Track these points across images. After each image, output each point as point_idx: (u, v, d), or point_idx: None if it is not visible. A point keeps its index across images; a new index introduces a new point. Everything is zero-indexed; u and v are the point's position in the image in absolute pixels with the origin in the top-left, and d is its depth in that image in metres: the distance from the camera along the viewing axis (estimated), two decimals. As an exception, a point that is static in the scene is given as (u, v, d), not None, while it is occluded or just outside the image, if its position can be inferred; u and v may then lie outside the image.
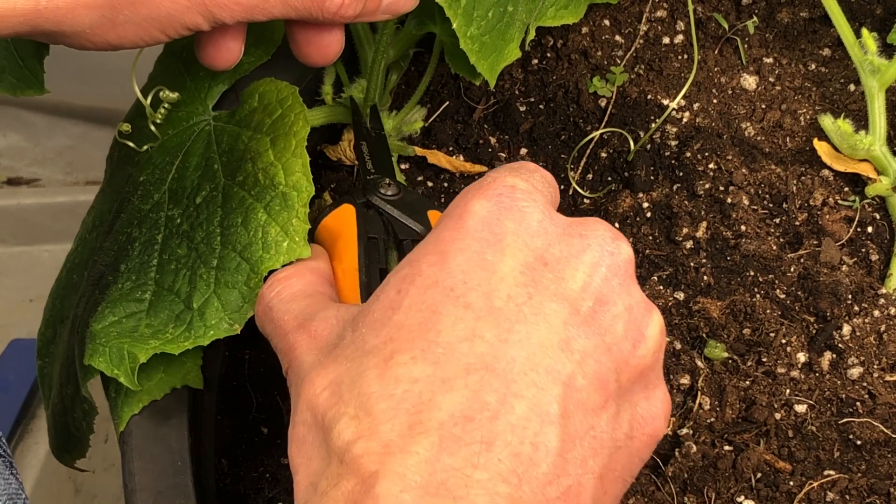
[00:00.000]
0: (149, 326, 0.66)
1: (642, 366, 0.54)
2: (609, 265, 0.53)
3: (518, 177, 0.55)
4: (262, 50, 0.75)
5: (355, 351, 0.52)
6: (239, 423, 0.79)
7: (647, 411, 0.54)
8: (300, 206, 0.66)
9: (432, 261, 0.52)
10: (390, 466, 0.48)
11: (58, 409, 0.73)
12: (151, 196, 0.71)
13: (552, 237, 0.53)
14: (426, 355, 0.50)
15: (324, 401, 0.51)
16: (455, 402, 0.49)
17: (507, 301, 0.51)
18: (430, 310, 0.51)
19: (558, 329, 0.51)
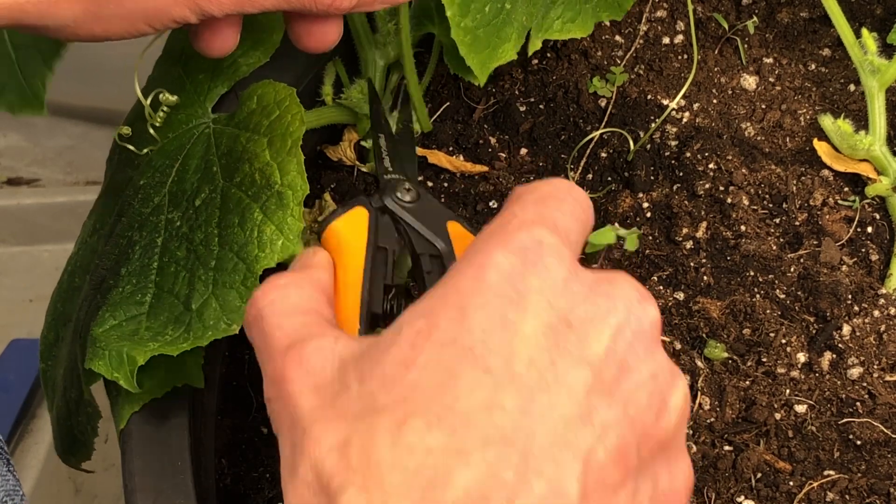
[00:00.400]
0: (149, 329, 0.66)
1: (665, 437, 0.51)
2: (635, 330, 0.51)
3: (544, 226, 0.52)
4: (260, 52, 0.75)
5: (364, 409, 0.48)
6: (239, 423, 0.79)
7: (668, 486, 0.52)
8: (295, 204, 0.66)
9: (451, 315, 0.49)
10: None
11: (62, 413, 0.73)
12: (152, 199, 0.71)
13: (577, 297, 0.50)
14: (442, 423, 0.47)
15: (331, 465, 0.48)
16: (471, 478, 0.46)
17: (528, 366, 0.48)
18: (448, 372, 0.48)
19: (580, 399, 0.48)
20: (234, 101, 0.73)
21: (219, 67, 0.74)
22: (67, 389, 0.71)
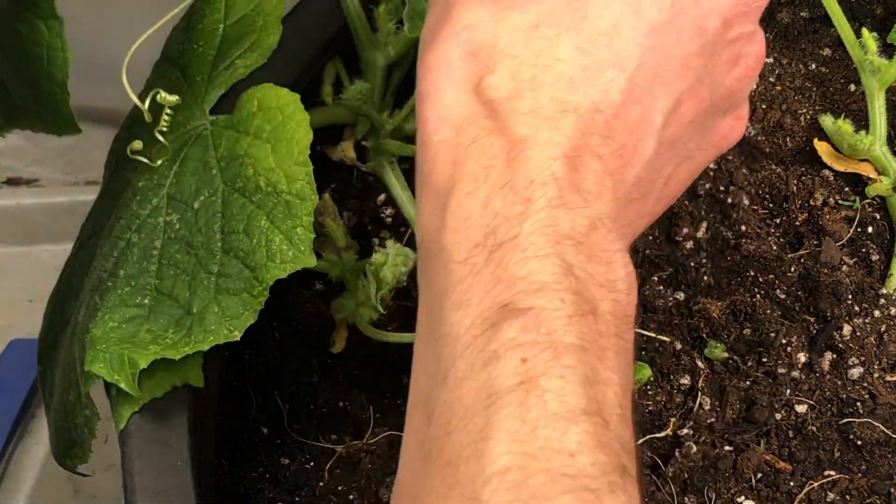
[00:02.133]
0: (149, 332, 0.66)
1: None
2: None
3: None
4: (258, 53, 0.74)
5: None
6: (239, 423, 0.79)
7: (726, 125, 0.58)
8: (304, 214, 0.66)
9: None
10: (541, 134, 0.49)
11: (59, 415, 0.73)
12: (150, 201, 0.71)
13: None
14: (570, 36, 0.51)
15: (480, 40, 0.52)
16: (592, 97, 0.51)
17: (652, 4, 0.52)
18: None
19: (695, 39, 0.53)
20: (232, 103, 0.73)
21: (216, 69, 0.74)
22: (65, 392, 0.71)
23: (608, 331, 0.48)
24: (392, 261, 0.72)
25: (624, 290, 0.49)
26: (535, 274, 0.47)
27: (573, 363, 0.45)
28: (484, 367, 0.46)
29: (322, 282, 0.83)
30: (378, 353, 0.82)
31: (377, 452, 0.78)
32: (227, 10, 0.75)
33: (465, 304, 0.47)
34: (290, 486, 0.77)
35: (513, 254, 0.47)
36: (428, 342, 0.50)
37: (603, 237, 0.49)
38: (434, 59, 0.53)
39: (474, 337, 0.47)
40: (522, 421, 0.44)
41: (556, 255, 0.47)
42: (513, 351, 0.45)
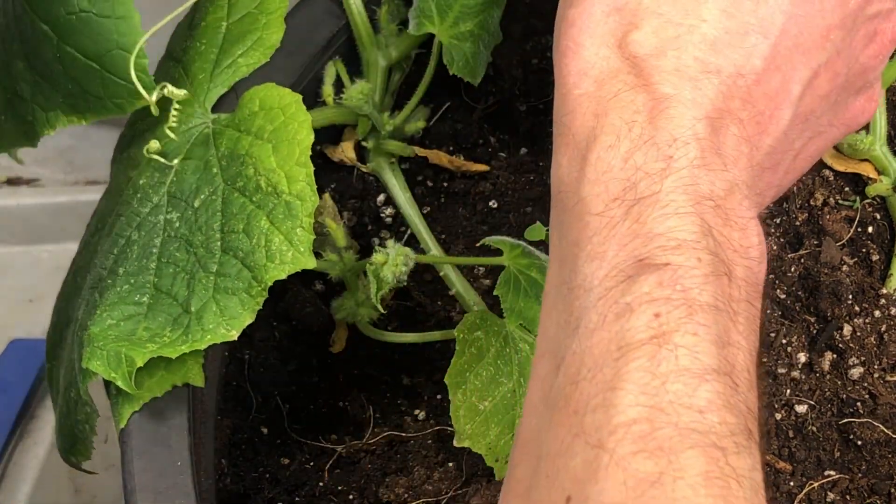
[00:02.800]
0: (146, 330, 0.66)
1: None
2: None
3: None
4: (260, 52, 0.74)
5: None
6: (239, 423, 0.79)
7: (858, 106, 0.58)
8: (305, 215, 0.66)
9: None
10: (685, 93, 0.50)
11: (63, 412, 0.73)
12: (150, 199, 0.71)
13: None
14: None
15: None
16: (735, 61, 0.51)
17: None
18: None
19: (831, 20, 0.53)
20: (234, 102, 0.73)
21: (219, 67, 0.74)
22: (67, 389, 0.71)
23: (740, 296, 0.48)
24: (392, 261, 0.72)
25: (756, 257, 0.49)
26: (674, 231, 0.47)
27: (707, 322, 0.45)
28: (616, 319, 0.46)
29: (322, 282, 0.83)
30: (378, 353, 0.82)
31: (377, 452, 0.78)
32: (230, 8, 0.75)
33: (600, 256, 0.47)
34: (290, 486, 0.77)
35: (652, 209, 0.47)
36: (559, 292, 0.49)
37: (739, 203, 0.49)
38: (577, 13, 0.53)
39: (608, 289, 0.47)
40: (652, 374, 0.44)
41: (696, 213, 0.47)
42: (647, 305, 0.46)
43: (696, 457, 0.43)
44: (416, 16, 0.77)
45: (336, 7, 0.81)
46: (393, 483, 0.74)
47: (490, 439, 0.70)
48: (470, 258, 0.81)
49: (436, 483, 0.74)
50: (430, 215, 0.84)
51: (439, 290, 0.82)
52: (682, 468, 0.42)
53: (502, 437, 0.70)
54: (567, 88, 0.52)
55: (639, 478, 0.42)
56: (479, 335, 0.72)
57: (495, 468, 0.71)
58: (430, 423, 0.78)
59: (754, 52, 0.51)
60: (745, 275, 0.48)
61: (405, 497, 0.74)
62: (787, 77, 0.52)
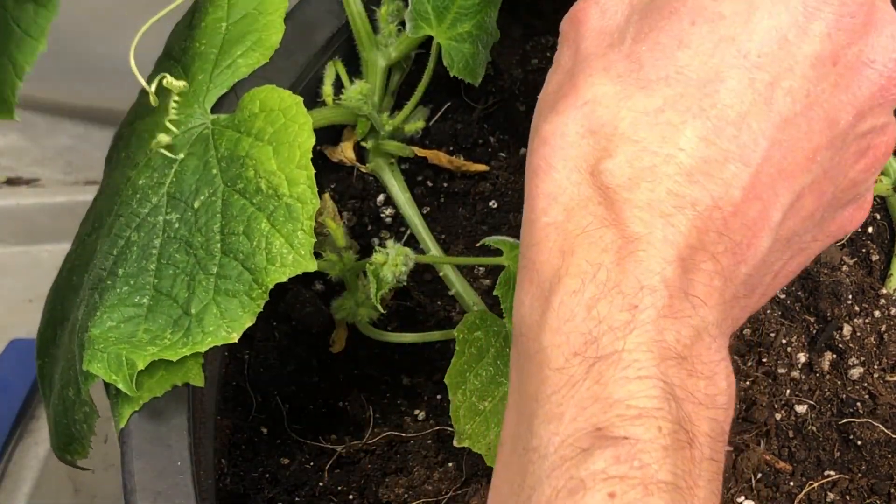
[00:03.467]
0: (147, 332, 0.66)
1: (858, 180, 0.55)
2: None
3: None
4: (259, 52, 0.74)
5: (628, 71, 0.50)
6: (239, 423, 0.79)
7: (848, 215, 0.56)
8: (306, 218, 0.66)
9: (737, 9, 0.50)
10: (656, 232, 0.48)
11: (58, 410, 0.73)
12: (149, 199, 0.71)
13: (855, 33, 0.51)
14: (696, 125, 0.49)
15: (601, 118, 0.50)
16: (712, 192, 0.48)
17: (786, 94, 0.50)
18: (716, 71, 0.49)
19: (831, 136, 0.51)
20: (233, 102, 0.73)
21: (218, 68, 0.74)
22: (64, 388, 0.71)
23: (703, 456, 0.46)
24: (392, 261, 0.72)
25: (724, 405, 0.47)
26: (635, 397, 0.45)
27: (663, 503, 0.44)
28: (570, 496, 0.44)
29: (322, 282, 0.83)
30: (378, 353, 0.82)
31: (377, 452, 0.78)
32: (229, 9, 0.75)
33: (557, 419, 0.46)
34: (290, 486, 0.77)
35: (614, 370, 0.46)
36: (514, 449, 0.48)
37: (706, 347, 0.47)
38: (550, 131, 0.51)
39: (563, 459, 0.45)
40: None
41: (659, 375, 0.46)
42: (602, 483, 0.44)
43: None
44: (413, 18, 0.77)
45: (336, 7, 0.81)
46: (393, 483, 0.74)
47: (490, 439, 0.70)
48: (470, 258, 0.81)
49: (436, 483, 0.74)
50: (429, 215, 0.84)
51: (439, 290, 0.82)
52: None
53: (502, 437, 0.71)
54: (535, 214, 0.50)
55: None
56: (478, 335, 0.72)
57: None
58: (430, 423, 0.78)
59: (733, 182, 0.49)
60: (709, 428, 0.47)
61: (405, 497, 0.74)
62: (767, 204, 0.50)
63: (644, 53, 0.50)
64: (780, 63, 0.50)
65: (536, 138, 0.52)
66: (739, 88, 0.49)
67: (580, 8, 0.54)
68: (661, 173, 0.48)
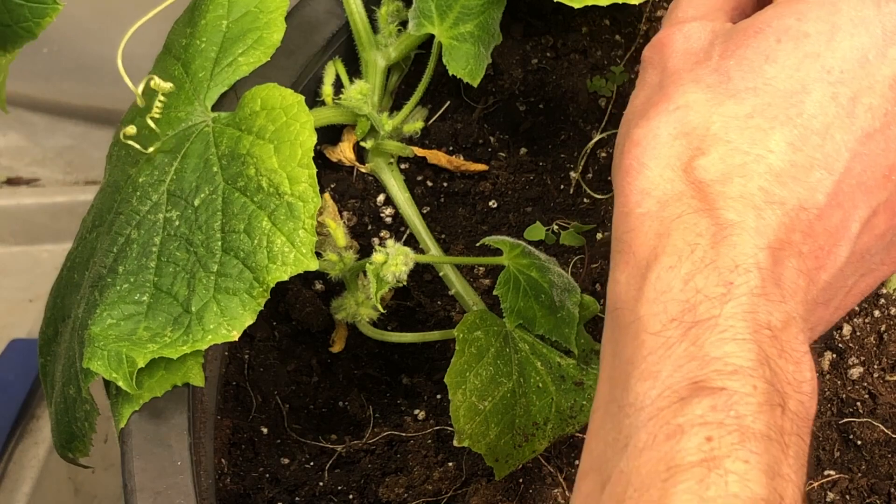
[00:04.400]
0: (147, 329, 0.66)
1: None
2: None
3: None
4: (260, 51, 0.74)
5: (717, 82, 0.53)
6: (239, 423, 0.79)
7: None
8: (307, 217, 0.66)
9: (821, 29, 0.53)
10: (749, 221, 0.50)
11: (60, 408, 0.73)
12: (150, 197, 0.71)
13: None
14: (784, 131, 0.52)
15: (694, 122, 0.52)
16: (799, 194, 0.51)
17: (867, 111, 0.52)
18: (801, 84, 0.52)
19: None
20: (234, 101, 0.73)
21: (219, 66, 0.74)
22: (66, 385, 0.71)
23: (792, 429, 0.47)
24: (392, 260, 0.72)
25: (808, 392, 0.49)
26: (731, 356, 0.47)
27: (759, 451, 0.45)
28: (667, 440, 0.46)
29: (322, 281, 0.83)
30: (378, 353, 0.82)
31: (377, 452, 0.78)
32: (230, 7, 0.75)
33: (653, 376, 0.47)
34: (290, 486, 0.76)
35: (710, 333, 0.47)
36: (608, 409, 0.49)
37: (794, 336, 0.49)
38: (642, 134, 0.53)
39: (660, 409, 0.47)
40: (700, 498, 0.44)
41: (754, 341, 0.47)
42: (699, 428, 0.45)
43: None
44: (416, 16, 0.77)
45: (336, 7, 0.81)
46: (393, 483, 0.74)
47: (490, 439, 0.70)
48: (470, 258, 0.81)
49: (436, 483, 0.74)
50: (429, 215, 0.84)
51: (439, 290, 0.82)
52: None
53: (502, 436, 0.70)
54: (629, 207, 0.52)
55: None
56: (478, 335, 0.72)
57: (495, 468, 0.71)
58: (430, 423, 0.78)
59: (818, 188, 0.51)
60: (797, 409, 0.48)
61: (405, 497, 0.74)
62: (847, 214, 0.52)
63: (732, 67, 0.53)
64: (861, 81, 0.52)
65: (628, 141, 0.54)
66: (824, 101, 0.52)
67: (664, 34, 0.57)
68: (753, 171, 0.51)
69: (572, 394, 0.73)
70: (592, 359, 0.75)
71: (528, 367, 0.73)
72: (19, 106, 1.34)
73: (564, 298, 0.73)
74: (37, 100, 1.30)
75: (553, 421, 0.72)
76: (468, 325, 0.72)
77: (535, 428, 0.72)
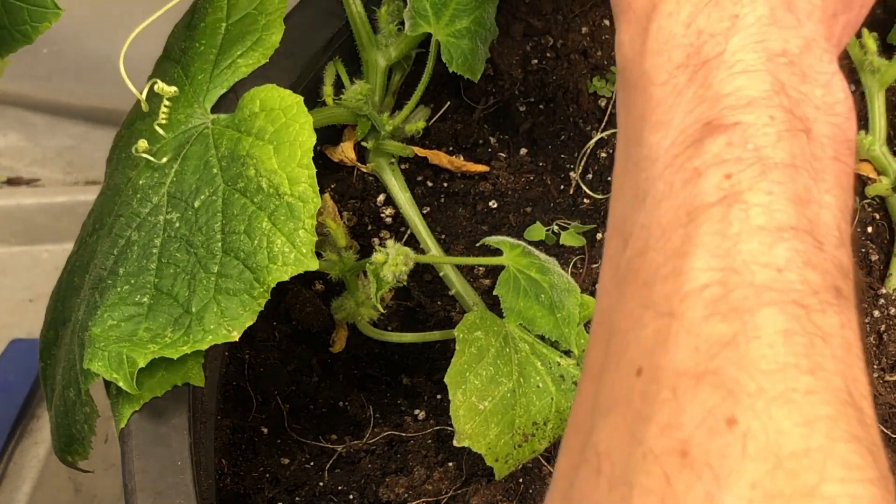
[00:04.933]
0: (147, 330, 0.66)
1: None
2: None
3: None
4: (259, 52, 0.74)
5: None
6: (239, 423, 0.79)
7: None
8: (307, 217, 0.66)
9: None
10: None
11: (60, 411, 0.73)
12: (150, 199, 0.71)
13: None
14: None
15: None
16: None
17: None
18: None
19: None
20: (233, 102, 0.73)
21: (218, 68, 0.74)
22: (66, 388, 0.71)
23: (824, 153, 0.45)
24: (392, 260, 0.72)
25: (843, 113, 0.46)
26: (743, 89, 0.44)
27: (783, 179, 0.43)
28: (684, 186, 0.43)
29: (322, 281, 0.83)
30: (378, 353, 0.82)
31: (377, 452, 0.78)
32: (229, 9, 0.75)
33: (665, 125, 0.45)
34: (290, 486, 0.77)
35: (718, 71, 0.45)
36: (625, 169, 0.47)
37: (818, 58, 0.46)
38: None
39: (674, 156, 0.44)
40: (724, 236, 0.41)
41: (767, 71, 0.45)
42: (716, 167, 0.43)
43: (774, 315, 0.40)
44: (412, 16, 0.77)
45: (336, 7, 0.81)
46: (393, 483, 0.75)
47: (490, 439, 0.70)
48: (470, 258, 0.81)
49: (436, 483, 0.74)
50: (430, 215, 0.84)
51: (439, 290, 0.82)
52: (758, 327, 0.39)
53: (502, 436, 0.71)
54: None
55: (711, 341, 0.39)
56: (478, 335, 0.72)
57: (495, 468, 0.71)
58: (430, 423, 0.78)
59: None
60: (830, 132, 0.45)
61: (405, 497, 0.74)
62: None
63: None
64: None
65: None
66: None
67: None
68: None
69: (572, 394, 0.73)
70: (592, 359, 0.75)
71: (528, 367, 0.73)
72: (19, 106, 1.34)
73: (564, 298, 0.73)
74: (37, 100, 1.30)
75: (553, 421, 0.72)
76: (468, 325, 0.72)
77: (535, 428, 0.72)
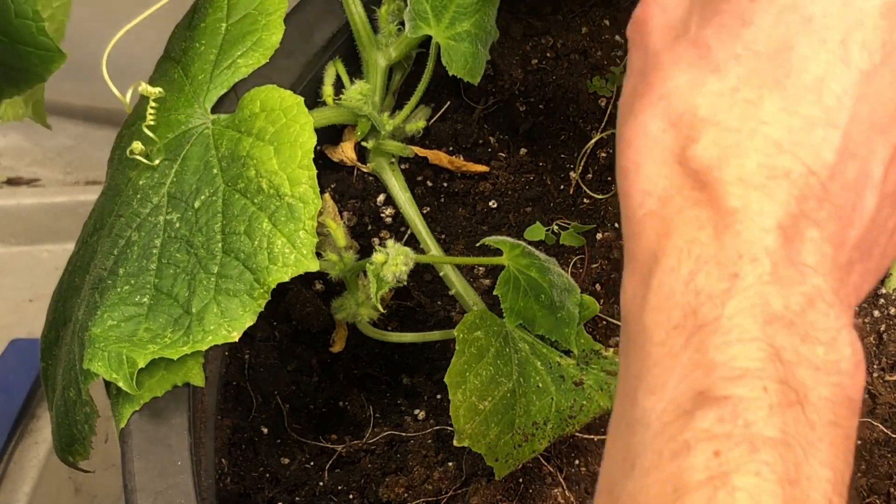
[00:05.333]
0: (147, 330, 0.66)
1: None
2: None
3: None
4: (259, 53, 0.74)
5: (697, 59, 0.50)
6: (239, 423, 0.79)
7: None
8: (308, 218, 0.66)
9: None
10: (752, 204, 0.47)
11: (61, 411, 0.73)
12: (150, 200, 0.71)
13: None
14: (773, 97, 0.48)
15: (679, 109, 0.49)
16: (803, 159, 0.47)
17: (861, 48, 0.48)
18: (783, 41, 0.49)
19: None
20: (233, 102, 0.73)
21: (218, 68, 0.74)
22: (66, 388, 0.71)
23: (821, 420, 0.45)
24: (392, 260, 0.72)
25: (848, 371, 0.46)
26: (737, 360, 0.44)
27: (771, 459, 0.43)
28: (673, 459, 0.44)
29: (322, 281, 0.83)
30: (378, 353, 0.82)
31: (377, 452, 0.78)
32: (229, 9, 0.75)
33: (658, 389, 0.45)
34: (290, 486, 0.77)
35: (713, 337, 0.45)
36: (619, 427, 0.48)
37: (823, 314, 0.46)
38: (633, 132, 0.51)
39: (665, 424, 0.45)
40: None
41: (763, 338, 0.45)
42: (705, 443, 0.43)
43: None
44: (412, 18, 0.77)
45: (336, 7, 0.81)
46: (393, 483, 0.75)
47: (490, 439, 0.70)
48: (470, 258, 0.81)
49: (436, 483, 0.74)
50: (430, 215, 0.84)
51: (439, 290, 0.82)
52: None
53: (502, 436, 0.71)
54: (632, 210, 0.50)
55: None
56: (478, 335, 0.72)
57: (495, 468, 0.71)
58: (430, 422, 0.78)
59: (824, 146, 0.48)
60: (830, 393, 0.45)
61: (405, 497, 0.74)
62: (865, 162, 0.48)
63: (710, 37, 0.50)
64: (847, 19, 0.49)
65: (621, 142, 0.52)
66: (811, 53, 0.48)
67: (641, 10, 0.54)
68: (748, 148, 0.48)
69: (572, 394, 0.73)
70: (592, 359, 0.75)
71: (528, 367, 0.73)
72: (19, 106, 1.34)
73: (564, 298, 0.73)
74: (37, 100, 1.30)
75: (553, 421, 0.72)
76: (468, 325, 0.72)
77: (535, 428, 0.72)
